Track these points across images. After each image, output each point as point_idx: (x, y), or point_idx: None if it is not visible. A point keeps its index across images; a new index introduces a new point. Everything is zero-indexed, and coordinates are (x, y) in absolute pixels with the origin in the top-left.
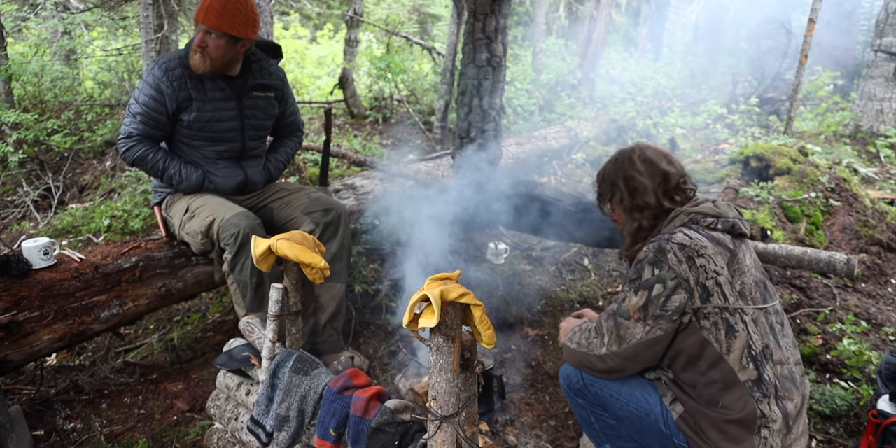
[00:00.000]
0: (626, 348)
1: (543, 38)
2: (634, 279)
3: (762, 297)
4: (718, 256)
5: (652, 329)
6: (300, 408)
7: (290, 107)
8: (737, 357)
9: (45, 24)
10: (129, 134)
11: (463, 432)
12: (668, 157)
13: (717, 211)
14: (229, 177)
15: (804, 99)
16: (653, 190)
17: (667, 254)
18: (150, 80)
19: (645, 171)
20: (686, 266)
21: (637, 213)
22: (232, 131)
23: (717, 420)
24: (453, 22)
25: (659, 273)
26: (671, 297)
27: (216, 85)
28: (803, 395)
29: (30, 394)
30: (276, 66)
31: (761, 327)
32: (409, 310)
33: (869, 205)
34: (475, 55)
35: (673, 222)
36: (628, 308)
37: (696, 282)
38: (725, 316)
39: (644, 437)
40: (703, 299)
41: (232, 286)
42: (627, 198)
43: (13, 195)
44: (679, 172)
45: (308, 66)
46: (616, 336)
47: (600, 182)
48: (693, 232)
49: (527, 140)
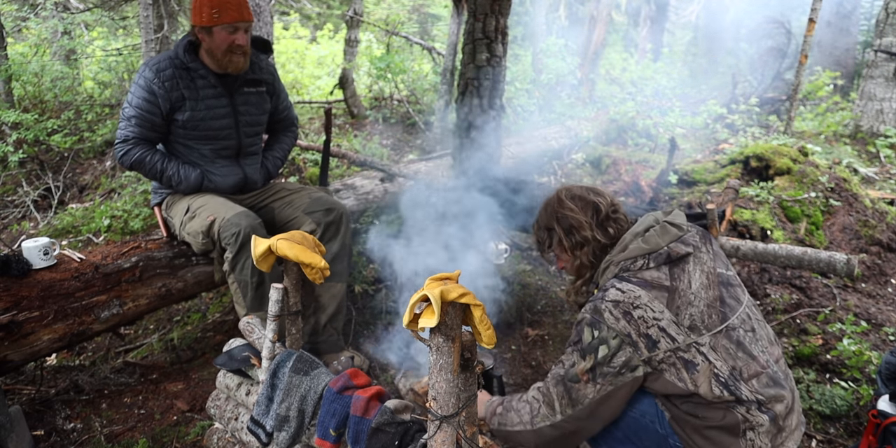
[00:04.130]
0: (580, 409)
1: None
2: (576, 342)
3: (719, 318)
4: (655, 301)
5: (603, 386)
6: (300, 408)
7: (283, 102)
8: (707, 389)
9: (45, 24)
10: (126, 138)
11: (463, 432)
12: (595, 190)
13: (648, 247)
14: (228, 175)
15: (804, 99)
16: (587, 223)
17: (603, 313)
18: (142, 82)
19: (575, 207)
20: (624, 322)
21: (577, 251)
22: (227, 129)
23: (700, 426)
24: (453, 22)
25: (599, 334)
26: (617, 354)
27: (207, 83)
28: (791, 389)
29: (30, 394)
30: (265, 61)
31: (723, 351)
32: (409, 310)
33: (869, 205)
34: (475, 55)
35: (605, 274)
36: (576, 373)
37: (639, 334)
38: (680, 355)
39: (641, 438)
40: (651, 348)
41: (233, 286)
42: (565, 237)
43: (13, 195)
44: (608, 202)
45: (308, 66)
46: (569, 400)
47: (537, 231)
48: (625, 283)
49: (527, 140)
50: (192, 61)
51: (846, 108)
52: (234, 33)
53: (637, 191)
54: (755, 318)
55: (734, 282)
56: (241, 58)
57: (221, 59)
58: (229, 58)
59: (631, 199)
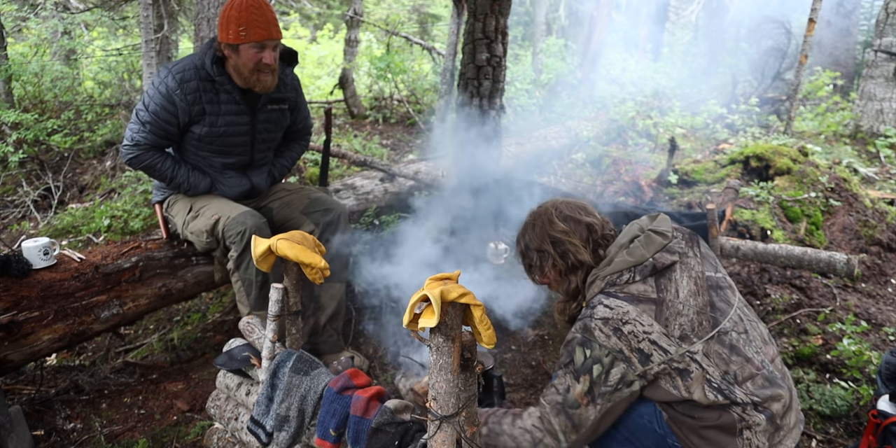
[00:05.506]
0: (584, 432)
1: (543, 38)
2: (568, 363)
3: (710, 323)
4: (644, 315)
5: (602, 405)
6: (300, 408)
7: (302, 113)
8: (700, 394)
9: (45, 24)
10: (137, 142)
11: (463, 432)
12: (585, 209)
13: (633, 260)
14: (235, 186)
15: (804, 99)
16: (583, 246)
17: (593, 332)
18: (163, 89)
19: (568, 229)
20: (615, 338)
21: (572, 275)
22: (242, 146)
23: (696, 426)
24: (453, 22)
25: (591, 353)
26: (611, 371)
27: (231, 98)
28: (789, 388)
29: (30, 394)
30: (291, 76)
31: (715, 357)
32: (409, 310)
33: (869, 205)
34: (475, 55)
35: (591, 289)
36: (575, 398)
37: (631, 349)
38: (674, 365)
39: (639, 438)
40: (644, 362)
41: (236, 284)
42: (560, 261)
43: (13, 195)
44: (601, 221)
45: (308, 66)
46: (572, 426)
47: (525, 252)
48: (612, 299)
49: (527, 140)
50: (219, 74)
51: (846, 108)
52: (261, 51)
53: (637, 191)
54: (747, 319)
55: (724, 284)
56: (269, 76)
57: (248, 77)
58: (257, 77)
59: (631, 199)
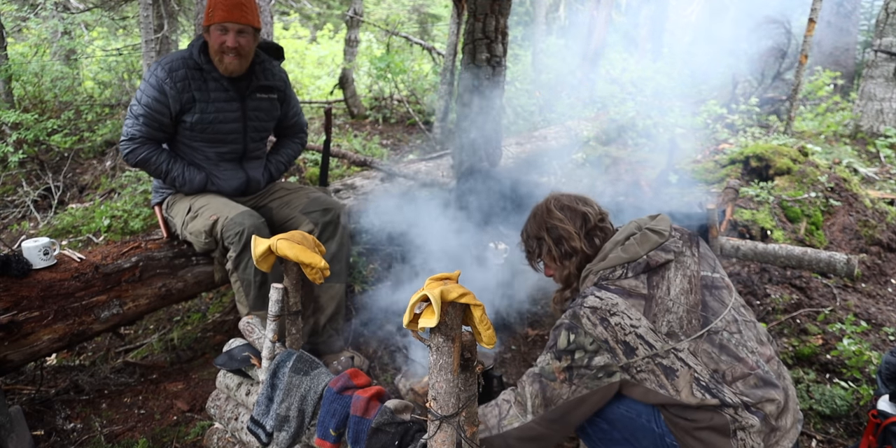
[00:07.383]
0: (552, 410)
1: (543, 38)
2: (552, 346)
3: (700, 322)
4: (632, 309)
5: (578, 388)
6: (300, 408)
7: (293, 108)
8: (688, 393)
9: (45, 24)
10: (132, 136)
11: (463, 432)
12: (583, 199)
13: (626, 256)
14: (231, 179)
15: (804, 99)
16: (575, 234)
17: (581, 319)
18: (153, 81)
19: (564, 217)
20: (601, 328)
21: (566, 261)
22: (234, 133)
23: (690, 428)
24: (453, 22)
25: (576, 338)
26: (594, 358)
27: (220, 86)
28: (785, 388)
29: (30, 394)
30: (278, 68)
31: (704, 356)
32: (409, 310)
33: (869, 205)
34: (475, 55)
35: (585, 283)
36: (552, 370)
37: (616, 340)
38: (659, 361)
39: (638, 438)
40: (628, 355)
41: (235, 284)
42: (554, 248)
43: (13, 195)
44: (596, 211)
45: (308, 66)
46: (542, 398)
47: (525, 240)
48: (603, 291)
49: (527, 140)
50: (206, 62)
51: (846, 108)
52: (224, 34)
53: (637, 191)
54: (742, 319)
55: (720, 284)
56: (234, 60)
57: (214, 58)
58: (220, 58)
59: (631, 199)
